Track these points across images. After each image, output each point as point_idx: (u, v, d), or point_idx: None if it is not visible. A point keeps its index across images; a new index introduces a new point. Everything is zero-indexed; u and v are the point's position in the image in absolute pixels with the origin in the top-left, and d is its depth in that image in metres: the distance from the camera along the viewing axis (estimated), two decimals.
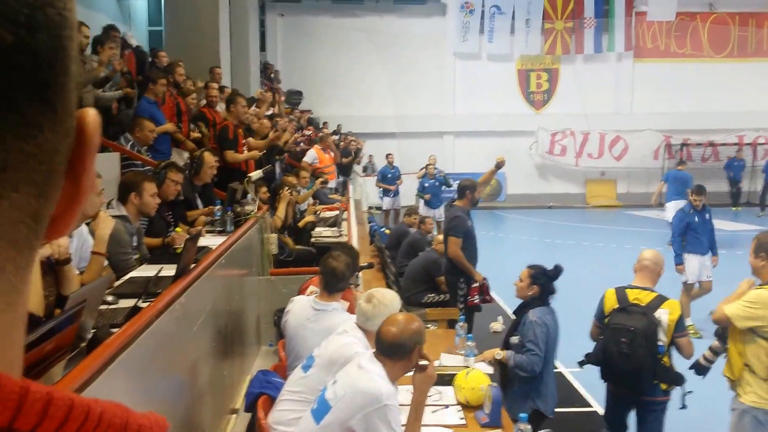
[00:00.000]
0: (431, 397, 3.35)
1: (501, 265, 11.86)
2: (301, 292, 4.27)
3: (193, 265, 3.03)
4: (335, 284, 3.59)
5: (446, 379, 3.58)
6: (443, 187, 13.55)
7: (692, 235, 7.50)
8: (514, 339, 4.00)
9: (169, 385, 2.62)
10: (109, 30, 7.05)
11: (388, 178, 15.04)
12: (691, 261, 7.47)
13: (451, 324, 5.65)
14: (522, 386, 3.93)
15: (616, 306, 3.90)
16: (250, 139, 6.89)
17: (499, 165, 6.85)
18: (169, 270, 2.82)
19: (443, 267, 6.71)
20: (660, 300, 3.84)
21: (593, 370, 4.25)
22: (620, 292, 3.96)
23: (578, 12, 20.01)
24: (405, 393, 2.88)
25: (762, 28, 20.30)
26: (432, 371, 2.71)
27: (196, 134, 6.50)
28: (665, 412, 3.97)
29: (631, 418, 4.19)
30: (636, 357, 3.74)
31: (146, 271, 3.14)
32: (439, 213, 13.31)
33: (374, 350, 2.68)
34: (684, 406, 3.90)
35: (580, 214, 18.81)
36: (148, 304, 2.43)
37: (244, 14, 13.71)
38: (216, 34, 10.59)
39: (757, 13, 20.21)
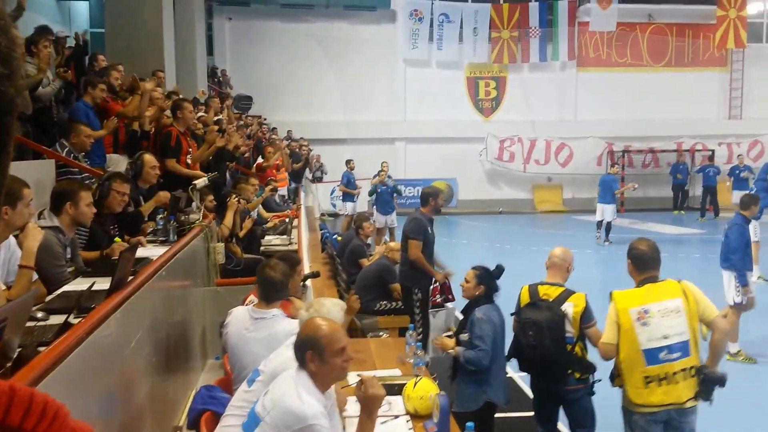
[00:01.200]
0: (380, 408, 3.30)
1: (455, 272, 11.96)
2: (243, 302, 4.18)
3: (130, 278, 2.89)
4: (273, 294, 3.58)
5: (395, 390, 3.55)
6: (394, 194, 13.57)
7: (746, 250, 6.59)
8: (464, 336, 4.21)
9: (104, 405, 2.49)
10: (43, 30, 6.76)
11: (352, 183, 15.06)
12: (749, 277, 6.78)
13: (403, 332, 5.62)
14: (473, 380, 4.14)
15: (528, 301, 4.17)
16: (195, 154, 6.69)
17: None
18: (105, 283, 2.69)
19: (398, 274, 6.69)
20: (567, 294, 4.10)
21: None
22: (532, 288, 4.24)
23: (523, 22, 20.43)
24: (353, 404, 2.83)
25: (698, 38, 21.13)
26: (373, 392, 2.64)
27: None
28: (589, 399, 4.15)
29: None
30: (542, 348, 3.96)
31: (81, 284, 2.99)
32: (391, 219, 13.34)
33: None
34: (592, 393, 4.14)
35: (528, 219, 19.14)
36: (80, 319, 2.30)
37: (189, 17, 13.45)
38: (160, 36, 10.33)
39: (693, 25, 21.02)
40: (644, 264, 3.72)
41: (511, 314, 4.35)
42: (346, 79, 20.20)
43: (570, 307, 4.00)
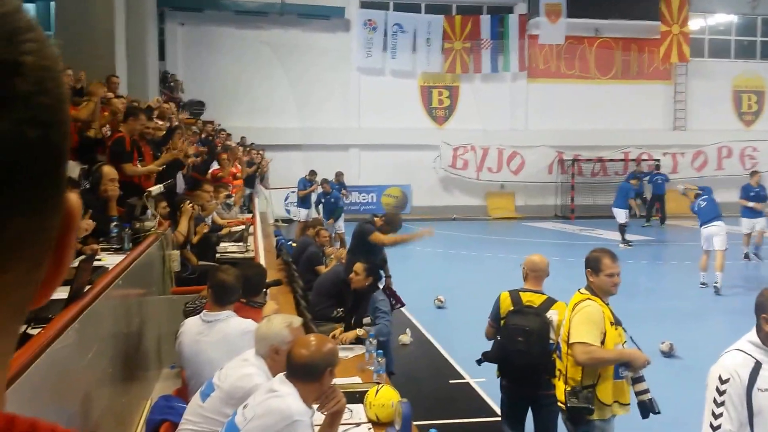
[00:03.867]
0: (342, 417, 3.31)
1: (408, 278, 12.04)
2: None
3: (88, 287, 2.84)
4: (225, 296, 3.62)
5: (357, 397, 3.56)
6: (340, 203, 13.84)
7: None
8: (366, 320, 4.86)
9: (62, 418, 2.43)
10: None
11: (307, 188, 15.22)
12: None
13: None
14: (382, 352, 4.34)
15: (511, 308, 4.21)
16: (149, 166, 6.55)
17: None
18: (62, 293, 2.63)
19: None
20: (550, 302, 4.18)
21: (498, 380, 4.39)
22: (514, 295, 4.28)
23: (475, 33, 20.79)
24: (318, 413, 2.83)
25: (643, 52, 21.88)
26: (338, 407, 2.68)
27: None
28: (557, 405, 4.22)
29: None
30: (531, 354, 4.04)
31: None
32: (338, 226, 13.43)
33: (285, 372, 2.62)
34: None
35: (482, 225, 19.42)
36: (38, 330, 2.25)
37: (141, 22, 13.19)
38: (111, 41, 10.13)
39: (638, 39, 21.77)
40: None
41: (490, 318, 4.40)
42: (300, 86, 20.15)
43: (555, 315, 4.06)
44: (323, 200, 13.84)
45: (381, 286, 6.63)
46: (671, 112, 22.16)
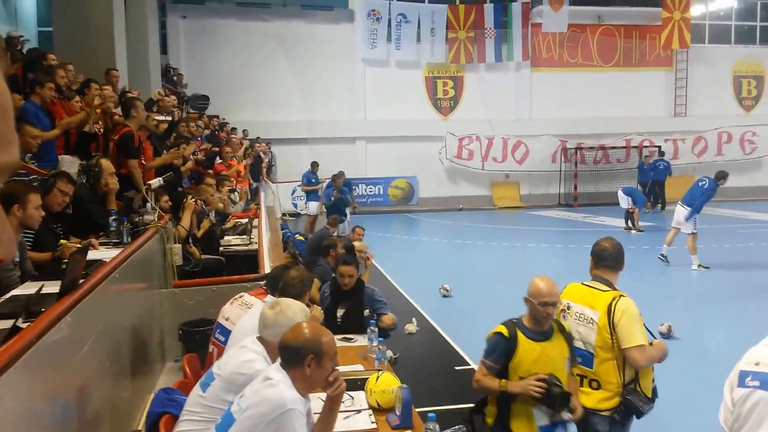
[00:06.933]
0: (343, 403, 3.30)
1: (414, 267, 12.05)
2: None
3: (81, 280, 2.82)
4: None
5: (358, 384, 3.56)
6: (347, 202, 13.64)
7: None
8: (366, 312, 4.95)
9: (57, 411, 2.42)
10: None
11: (313, 183, 15.08)
12: None
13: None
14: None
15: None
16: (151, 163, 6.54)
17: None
18: (54, 286, 2.61)
19: None
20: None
21: None
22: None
23: (479, 23, 20.66)
24: (317, 401, 2.81)
25: (644, 39, 21.71)
26: (340, 391, 2.65)
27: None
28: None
29: None
30: None
31: (31, 288, 2.90)
32: (342, 228, 13.29)
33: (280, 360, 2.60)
34: None
35: (487, 215, 19.38)
36: (28, 324, 2.23)
37: (142, 15, 13.16)
38: (111, 34, 10.09)
39: (640, 26, 21.59)
40: (597, 261, 3.69)
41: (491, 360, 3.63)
42: (305, 78, 20.09)
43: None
44: (333, 198, 13.42)
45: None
46: (672, 99, 22.01)
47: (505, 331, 3.40)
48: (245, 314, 3.61)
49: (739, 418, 2.81)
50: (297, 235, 11.07)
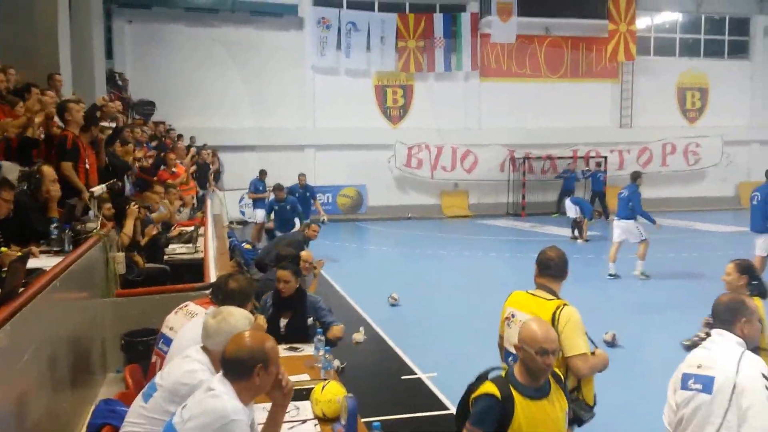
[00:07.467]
0: (288, 413, 3.31)
1: (363, 276, 12.09)
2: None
3: (21, 289, 2.77)
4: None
5: (304, 394, 3.56)
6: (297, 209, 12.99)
7: None
8: (310, 320, 4.91)
9: None
10: None
11: (260, 191, 14.92)
12: None
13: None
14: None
15: None
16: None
17: None
18: None
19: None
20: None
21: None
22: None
23: (428, 32, 20.93)
24: (261, 411, 2.82)
25: (591, 51, 22.37)
26: (289, 389, 2.64)
27: None
28: None
29: None
30: None
31: None
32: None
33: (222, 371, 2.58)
34: None
35: (436, 224, 19.60)
36: None
37: (87, 19, 12.87)
38: (55, 39, 9.84)
39: (587, 38, 22.22)
40: (542, 270, 3.71)
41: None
42: (254, 85, 19.94)
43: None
44: (276, 208, 12.32)
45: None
46: (618, 110, 22.70)
47: (496, 391, 2.85)
48: (189, 323, 3.59)
49: (683, 420, 2.94)
50: (244, 244, 10.99)
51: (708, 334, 3.12)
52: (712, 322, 3.14)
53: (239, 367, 2.48)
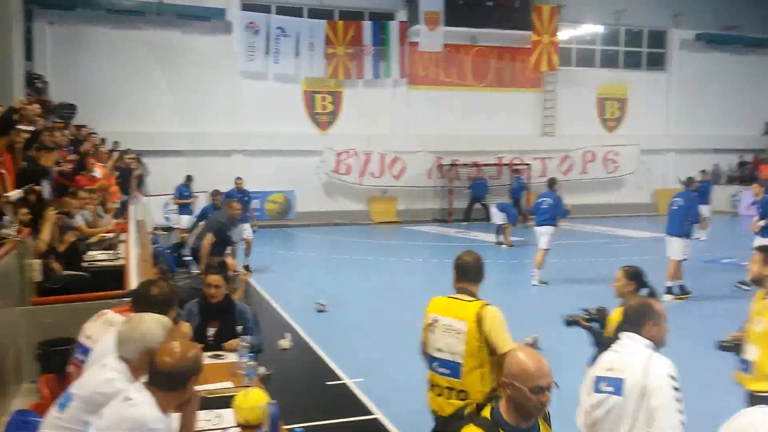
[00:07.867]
0: (210, 422, 3.33)
1: (290, 282, 12.07)
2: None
3: None
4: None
5: (226, 402, 3.53)
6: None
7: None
8: (239, 328, 4.62)
9: None
10: None
11: (185, 196, 14.66)
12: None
13: None
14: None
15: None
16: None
17: None
18: None
19: None
20: None
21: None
22: None
23: (357, 39, 21.11)
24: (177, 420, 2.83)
25: (516, 61, 23.08)
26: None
27: None
28: None
29: None
30: None
31: None
32: (245, 228, 12.73)
33: (145, 381, 2.57)
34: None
35: (365, 230, 19.76)
36: None
37: (5, 20, 12.38)
38: None
39: (511, 48, 22.89)
40: (460, 275, 3.82)
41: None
42: (181, 89, 19.53)
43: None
44: (210, 214, 11.62)
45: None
46: (541, 119, 23.50)
47: None
48: (108, 332, 3.55)
49: (596, 423, 3.07)
50: (168, 251, 10.80)
51: (589, 312, 3.34)
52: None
53: (174, 379, 2.49)
